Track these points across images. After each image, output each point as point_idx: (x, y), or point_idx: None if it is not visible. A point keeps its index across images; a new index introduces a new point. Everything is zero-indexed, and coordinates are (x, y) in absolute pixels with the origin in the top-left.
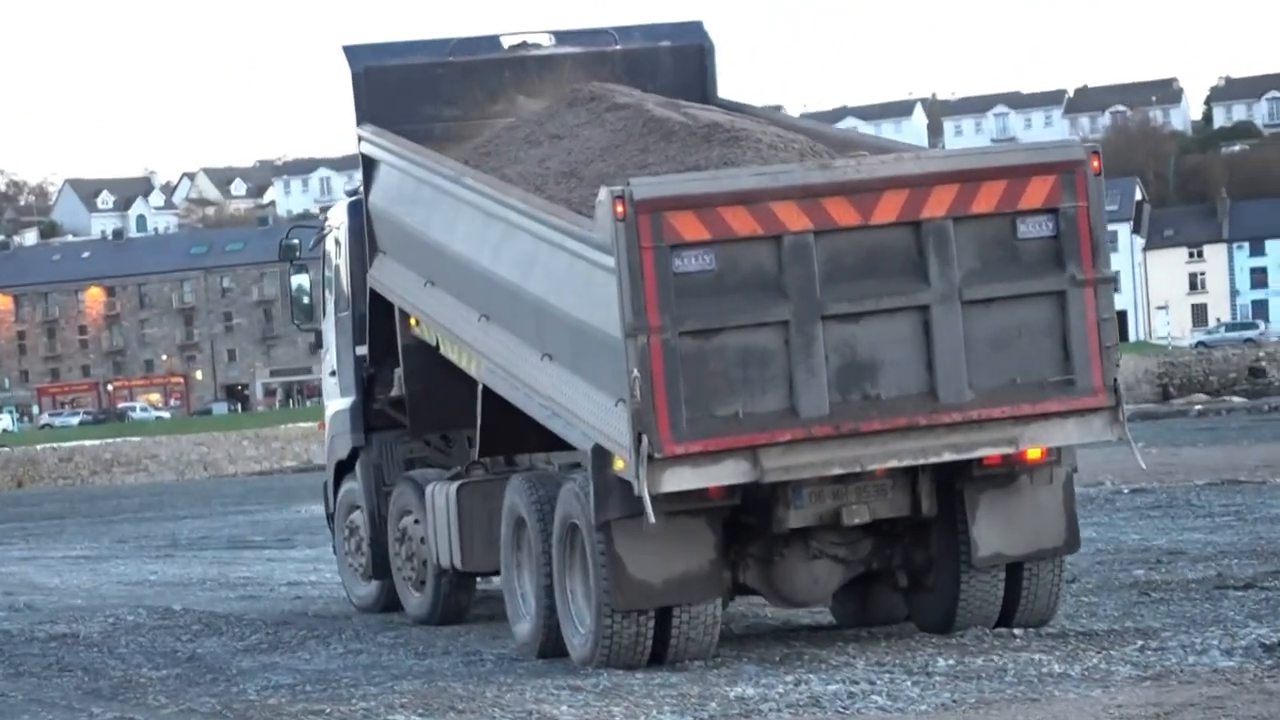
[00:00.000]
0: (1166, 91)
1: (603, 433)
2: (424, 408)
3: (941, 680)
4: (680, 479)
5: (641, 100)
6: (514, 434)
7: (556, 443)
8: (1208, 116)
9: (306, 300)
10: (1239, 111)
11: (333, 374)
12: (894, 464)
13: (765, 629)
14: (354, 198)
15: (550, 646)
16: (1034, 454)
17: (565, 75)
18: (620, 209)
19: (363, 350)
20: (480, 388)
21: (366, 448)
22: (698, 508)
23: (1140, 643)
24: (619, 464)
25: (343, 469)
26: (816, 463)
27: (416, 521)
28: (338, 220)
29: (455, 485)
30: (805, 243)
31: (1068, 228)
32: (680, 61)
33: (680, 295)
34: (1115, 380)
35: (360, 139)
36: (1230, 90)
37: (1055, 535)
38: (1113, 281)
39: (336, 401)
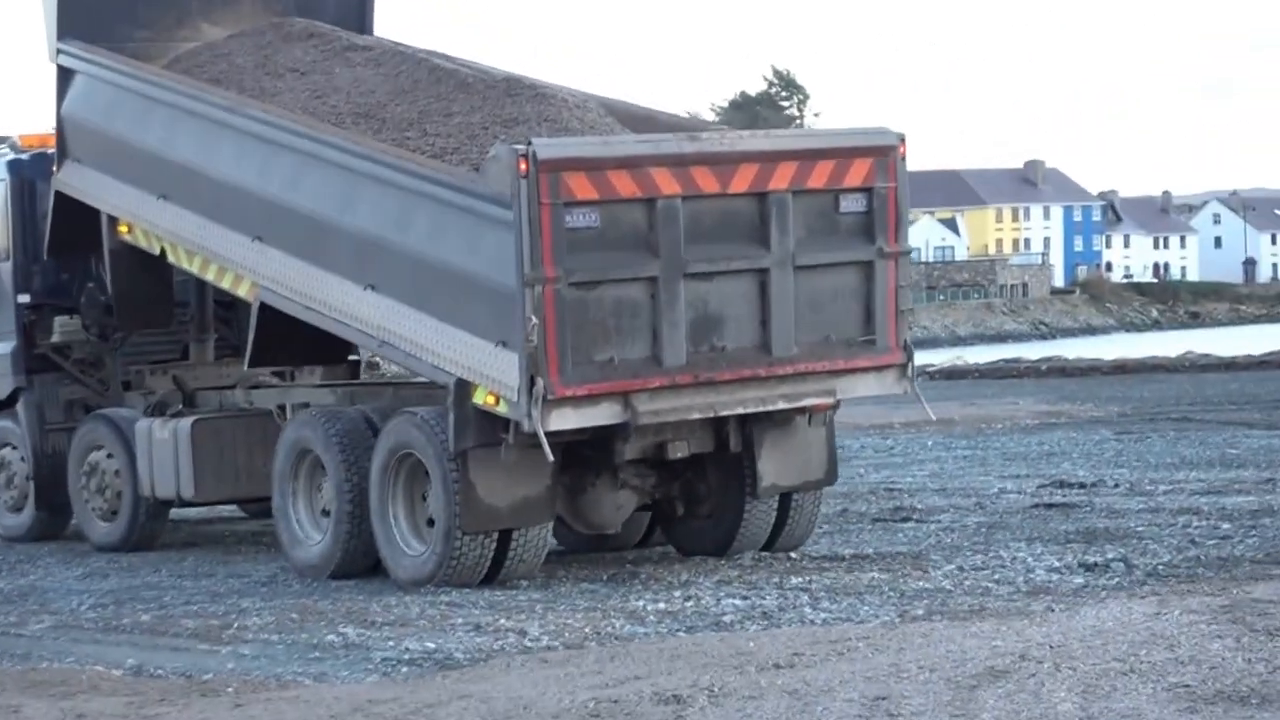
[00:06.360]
0: None
1: (474, 370)
2: (129, 308)
3: (838, 596)
4: (564, 419)
5: (383, 42)
6: (283, 348)
7: (324, 356)
8: None
9: None
10: None
11: None
12: (740, 410)
13: None
14: (10, 157)
15: (346, 568)
16: None
17: (245, 7)
18: (524, 166)
19: (25, 298)
20: (256, 305)
21: (28, 389)
22: (550, 441)
23: (957, 563)
24: (488, 399)
25: None
26: (679, 408)
27: (110, 456)
28: None
29: (189, 421)
30: (675, 206)
31: (879, 205)
32: None
33: (570, 249)
34: (906, 340)
35: (60, 52)
36: None
37: (819, 468)
38: (910, 254)
39: None
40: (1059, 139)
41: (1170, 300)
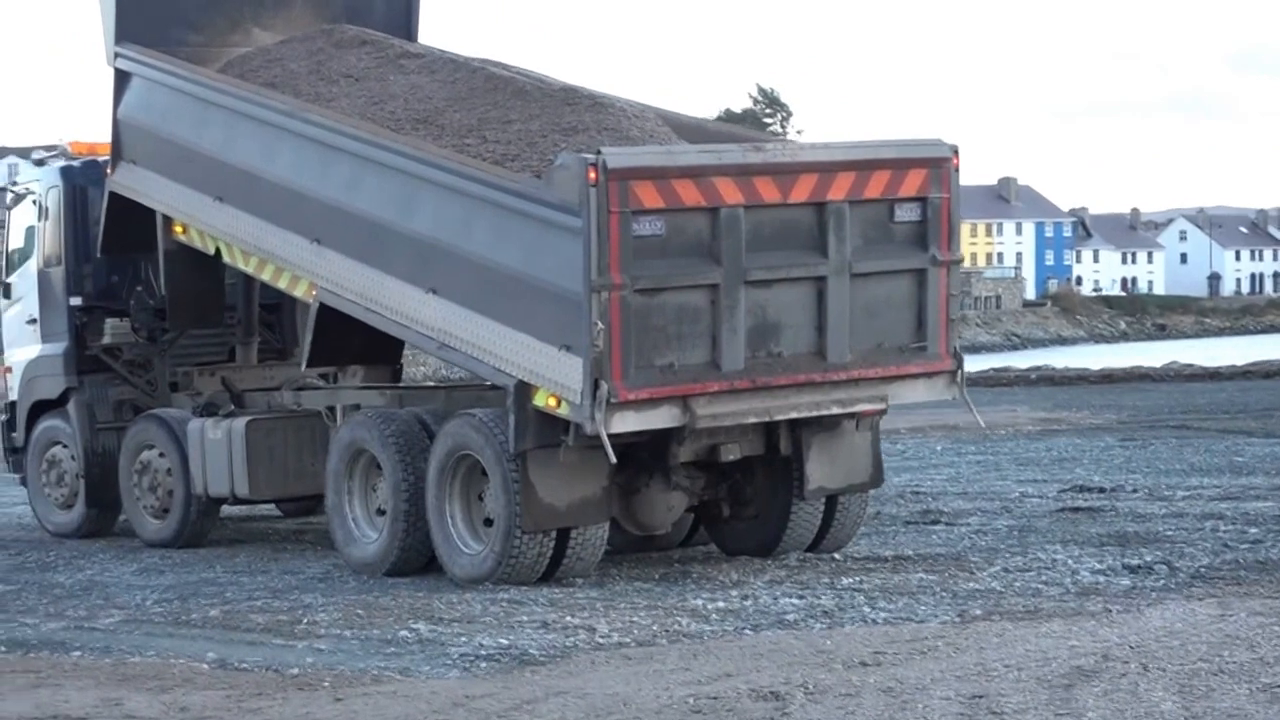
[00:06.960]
0: None
1: (536, 373)
2: (182, 306)
3: (893, 596)
4: (626, 422)
5: (433, 50)
6: (340, 348)
7: (378, 356)
8: None
9: None
10: None
11: (30, 322)
12: (794, 415)
13: None
14: (62, 164)
15: (401, 566)
16: None
17: (295, 12)
18: (593, 175)
19: (76, 301)
20: (315, 306)
21: (79, 389)
22: (610, 443)
23: (1000, 565)
24: (549, 401)
25: (37, 409)
26: (737, 412)
27: (161, 455)
28: (42, 185)
29: (243, 421)
30: (737, 215)
31: (933, 215)
32: (390, 4)
33: (637, 256)
34: (956, 347)
35: (118, 55)
36: None
37: (865, 471)
38: (961, 262)
39: (34, 348)
40: (1032, 158)
41: (1138, 313)
